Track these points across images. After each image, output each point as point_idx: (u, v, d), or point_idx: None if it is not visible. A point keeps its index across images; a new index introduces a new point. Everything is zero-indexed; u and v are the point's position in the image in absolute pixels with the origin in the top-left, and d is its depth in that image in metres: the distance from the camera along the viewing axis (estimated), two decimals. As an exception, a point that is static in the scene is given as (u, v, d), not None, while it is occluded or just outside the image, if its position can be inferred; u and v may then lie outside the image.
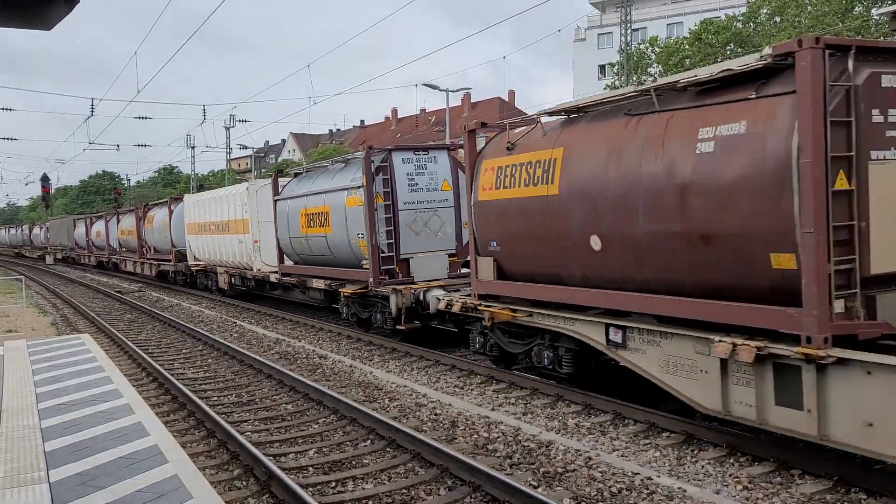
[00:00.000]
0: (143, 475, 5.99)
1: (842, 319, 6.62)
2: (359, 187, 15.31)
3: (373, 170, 14.85)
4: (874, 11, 35.03)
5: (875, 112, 6.68)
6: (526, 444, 8.36)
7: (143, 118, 49.17)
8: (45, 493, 5.68)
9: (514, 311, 10.83)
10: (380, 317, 15.47)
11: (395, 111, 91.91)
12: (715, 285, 7.66)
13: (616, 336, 8.98)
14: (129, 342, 16.46)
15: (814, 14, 38.06)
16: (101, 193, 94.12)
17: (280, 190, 20.16)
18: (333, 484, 7.44)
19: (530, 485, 7.01)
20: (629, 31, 42.86)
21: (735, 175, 7.19)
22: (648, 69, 46.89)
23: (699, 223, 7.62)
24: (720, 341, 7.32)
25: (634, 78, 44.97)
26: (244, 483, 7.61)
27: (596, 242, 9.06)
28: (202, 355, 15.44)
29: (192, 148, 59.96)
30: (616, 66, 46.94)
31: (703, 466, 7.53)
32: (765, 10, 42.00)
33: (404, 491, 7.16)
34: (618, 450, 8.15)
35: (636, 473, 7.24)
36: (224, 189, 26.84)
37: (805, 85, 6.53)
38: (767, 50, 7.09)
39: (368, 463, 8.07)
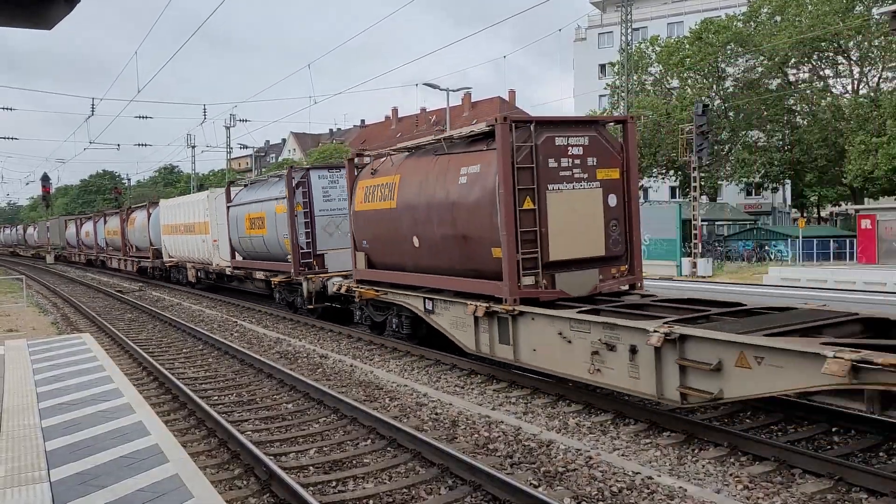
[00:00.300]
0: (143, 474, 5.99)
1: (529, 289, 10.60)
2: (285, 198, 19.06)
3: (294, 185, 18.81)
4: (874, 11, 34.98)
5: (551, 160, 10.61)
6: (526, 443, 8.36)
7: (143, 118, 49.29)
8: (46, 492, 5.68)
9: (376, 290, 14.77)
10: (299, 300, 19.37)
11: (395, 110, 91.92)
12: (473, 269, 11.71)
13: (429, 305, 12.97)
14: (129, 342, 16.46)
15: (814, 13, 37.98)
16: (102, 193, 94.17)
17: (232, 198, 24.01)
18: (334, 483, 7.44)
19: (531, 484, 7.01)
20: (629, 30, 42.83)
21: (475, 199, 11.18)
22: (649, 69, 46.80)
23: (462, 229, 11.66)
24: (469, 304, 11.54)
25: (635, 77, 44.95)
26: (245, 482, 7.61)
27: (416, 241, 13.04)
28: (203, 355, 15.44)
29: (193, 147, 60.03)
30: (616, 66, 46.87)
31: (703, 466, 7.53)
32: (765, 10, 41.96)
33: (405, 490, 7.16)
34: (618, 449, 8.15)
35: (637, 473, 7.24)
36: (190, 196, 31.05)
37: (500, 145, 10.44)
38: (488, 121, 11.01)
39: (369, 462, 8.07)
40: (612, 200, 11.21)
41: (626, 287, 11.52)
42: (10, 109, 55.22)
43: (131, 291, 31.16)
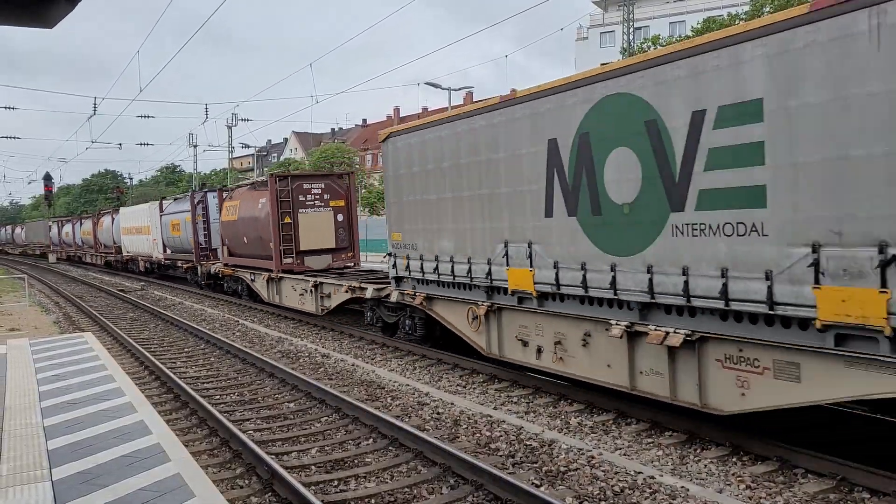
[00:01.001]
0: (145, 473, 6.00)
1: (288, 265, 20.02)
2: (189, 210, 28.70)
3: (195, 202, 27.87)
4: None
5: (300, 196, 20.08)
6: (528, 442, 8.35)
7: (145, 117, 49.29)
8: (48, 491, 5.68)
9: (232, 270, 24.45)
10: (199, 278, 28.70)
11: (397, 110, 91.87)
12: (266, 255, 20.72)
13: (252, 277, 22.40)
14: (131, 341, 16.47)
15: (817, 12, 37.85)
16: (104, 192, 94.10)
17: (163, 209, 32.88)
18: (336, 483, 7.43)
19: (533, 484, 7.00)
20: (631, 29, 42.78)
21: (264, 216, 20.54)
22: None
23: (260, 233, 21.05)
24: (263, 274, 21.24)
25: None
26: (246, 482, 7.60)
27: (245, 240, 22.28)
28: (204, 354, 15.45)
29: (195, 147, 59.96)
30: (618, 65, 46.82)
31: (705, 465, 7.52)
32: (767, 9, 41.83)
33: (407, 490, 7.15)
34: (620, 449, 8.14)
35: (639, 472, 7.23)
36: (139, 206, 40.60)
37: (270, 189, 19.99)
38: (267, 176, 21.61)
39: (371, 462, 8.07)
40: (340, 217, 20.69)
41: (350, 265, 20.76)
42: (13, 109, 55.26)
43: (133, 291, 31.18)
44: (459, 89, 42.22)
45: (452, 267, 11.88)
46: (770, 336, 7.05)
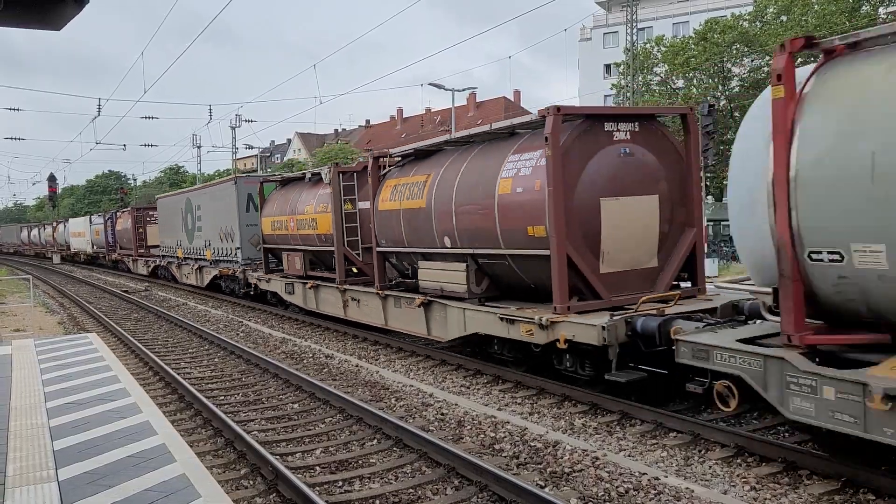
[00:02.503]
0: (150, 474, 6.01)
1: (142, 253, 39.24)
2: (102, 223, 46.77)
3: (107, 218, 45.24)
4: (881, 10, 34.82)
5: (148, 217, 40.81)
6: (532, 443, 8.36)
7: (149, 118, 49.36)
8: (54, 491, 5.70)
9: (122, 256, 43.51)
10: (109, 263, 46.23)
11: (400, 111, 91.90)
12: (133, 249, 42.21)
13: (127, 260, 42.83)
14: (135, 341, 16.51)
15: (820, 13, 37.75)
16: (108, 193, 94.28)
17: (92, 221, 49.23)
18: (340, 483, 7.45)
19: (537, 485, 7.00)
20: (635, 30, 42.75)
21: (130, 227, 41.58)
22: (654, 68, 46.67)
23: (130, 235, 41.66)
24: (134, 259, 40.85)
25: (640, 77, 44.81)
26: (251, 482, 7.62)
27: (125, 239, 42.76)
28: (208, 354, 15.48)
29: (198, 148, 60.09)
30: (622, 66, 46.79)
31: (710, 467, 7.51)
32: (771, 9, 41.71)
33: (411, 490, 7.16)
34: (625, 450, 8.14)
35: (643, 473, 7.23)
36: (80, 218, 56.89)
37: (131, 213, 41.93)
38: (130, 209, 44.13)
39: (375, 462, 8.08)
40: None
41: None
42: (17, 110, 55.43)
43: (137, 291, 31.27)
44: (463, 90, 42.28)
45: (172, 251, 30.85)
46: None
